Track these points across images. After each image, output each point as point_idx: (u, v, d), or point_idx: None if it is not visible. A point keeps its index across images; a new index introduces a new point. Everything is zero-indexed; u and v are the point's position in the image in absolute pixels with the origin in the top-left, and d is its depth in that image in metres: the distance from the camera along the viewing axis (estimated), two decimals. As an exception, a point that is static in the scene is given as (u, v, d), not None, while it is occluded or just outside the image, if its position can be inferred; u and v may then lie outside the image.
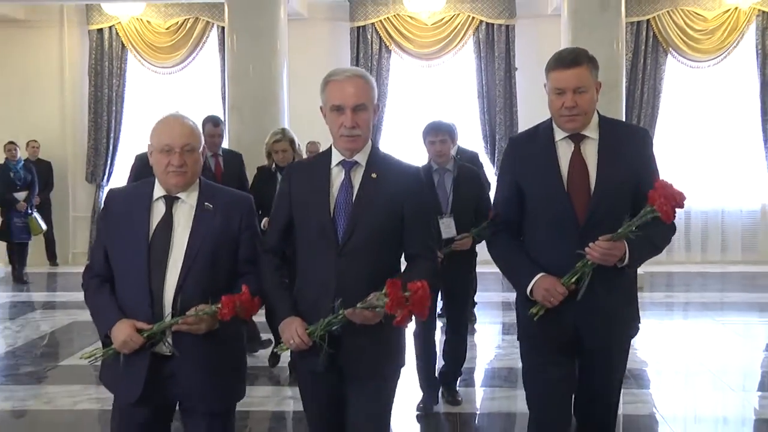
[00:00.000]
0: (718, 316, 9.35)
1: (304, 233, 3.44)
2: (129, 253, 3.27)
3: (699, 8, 13.14)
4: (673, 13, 13.16)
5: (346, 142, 3.36)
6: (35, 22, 14.20)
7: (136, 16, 13.86)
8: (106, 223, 3.44)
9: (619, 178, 3.44)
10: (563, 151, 3.52)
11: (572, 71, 3.40)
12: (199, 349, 3.25)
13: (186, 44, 13.94)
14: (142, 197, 3.35)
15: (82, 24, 14.25)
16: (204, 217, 3.32)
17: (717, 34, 13.13)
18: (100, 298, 3.35)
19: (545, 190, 3.52)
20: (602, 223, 3.35)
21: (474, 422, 5.95)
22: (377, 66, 13.56)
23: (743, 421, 5.95)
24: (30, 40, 14.19)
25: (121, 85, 14.16)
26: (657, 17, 13.15)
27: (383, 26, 13.55)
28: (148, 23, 13.97)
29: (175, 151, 3.23)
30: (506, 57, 13.39)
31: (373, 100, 3.42)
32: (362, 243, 3.31)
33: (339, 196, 3.38)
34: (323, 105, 3.44)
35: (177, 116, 3.42)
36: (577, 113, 3.42)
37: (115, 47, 14.13)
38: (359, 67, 4.70)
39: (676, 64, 13.38)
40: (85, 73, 14.26)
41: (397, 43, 13.59)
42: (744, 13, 12.98)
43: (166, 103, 13.44)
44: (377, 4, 13.47)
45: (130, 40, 14.04)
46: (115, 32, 14.08)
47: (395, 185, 3.38)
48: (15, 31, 14.17)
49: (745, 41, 13.17)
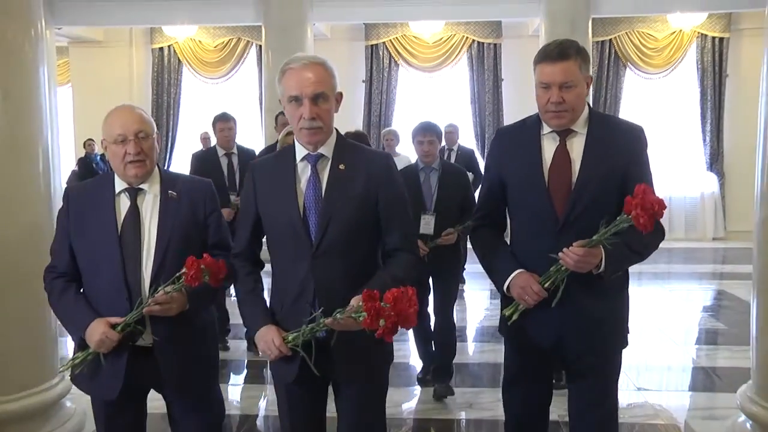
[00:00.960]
0: (665, 284, 9.44)
1: (274, 235, 2.75)
2: (100, 249, 2.73)
3: (651, 30, 13.20)
4: (631, 34, 13.19)
5: (307, 135, 2.62)
6: (109, 42, 14.26)
7: (190, 36, 13.89)
8: (69, 220, 2.81)
9: (604, 175, 2.76)
10: (548, 145, 2.86)
11: (559, 65, 2.73)
12: (178, 338, 2.76)
13: (230, 59, 13.97)
14: (104, 191, 2.80)
15: (147, 43, 14.29)
16: (170, 206, 2.79)
17: (665, 51, 13.21)
18: (68, 300, 2.79)
19: (525, 183, 2.87)
20: (583, 220, 2.72)
21: (467, 370, 5.83)
22: (387, 77, 13.60)
23: (683, 368, 5.99)
24: (105, 56, 14.24)
25: (177, 93, 14.20)
26: (617, 37, 13.16)
27: (392, 45, 13.56)
28: (199, 42, 14.01)
29: (129, 139, 2.69)
30: (494, 70, 13.38)
31: (335, 89, 2.67)
32: (337, 240, 2.61)
33: (307, 192, 2.65)
34: (281, 96, 2.68)
35: (125, 105, 2.88)
36: (564, 109, 2.75)
37: (173, 62, 14.18)
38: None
39: (633, 76, 13.42)
40: (149, 83, 14.29)
41: (404, 59, 13.60)
42: (687, 35, 13.10)
43: (214, 108, 13.39)
44: (387, 27, 13.43)
45: (185, 56, 14.09)
46: (173, 50, 14.12)
47: (366, 175, 2.66)
48: (94, 50, 14.24)
49: (688, 58, 13.25)
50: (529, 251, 2.85)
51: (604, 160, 2.76)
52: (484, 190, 3.11)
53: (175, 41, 14.02)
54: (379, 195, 2.66)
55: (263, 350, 2.66)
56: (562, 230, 2.75)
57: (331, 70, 2.66)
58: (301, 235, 2.62)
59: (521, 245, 2.94)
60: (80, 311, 2.73)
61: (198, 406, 2.95)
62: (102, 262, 2.73)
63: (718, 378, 5.64)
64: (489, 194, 3.06)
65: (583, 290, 2.75)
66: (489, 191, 3.06)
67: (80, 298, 2.79)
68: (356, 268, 2.63)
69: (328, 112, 2.64)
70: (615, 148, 2.79)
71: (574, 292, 2.73)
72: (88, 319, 2.67)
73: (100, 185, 2.85)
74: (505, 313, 2.83)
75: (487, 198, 3.08)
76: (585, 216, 2.72)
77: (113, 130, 2.73)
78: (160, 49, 14.18)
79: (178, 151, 14.16)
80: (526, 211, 2.90)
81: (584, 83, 2.79)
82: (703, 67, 13.08)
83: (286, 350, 2.56)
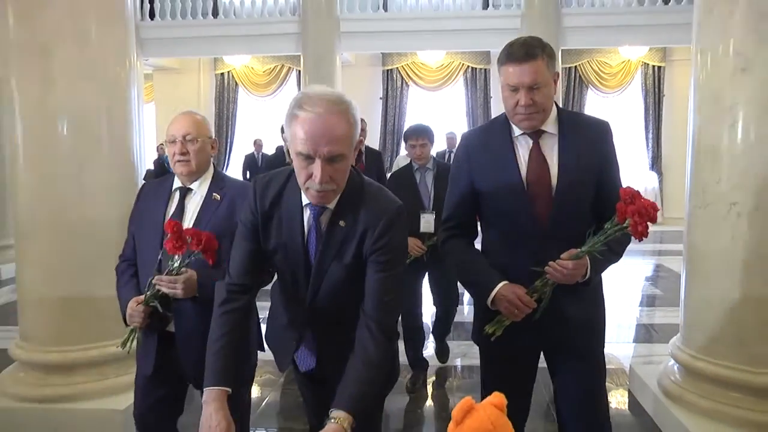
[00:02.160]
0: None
1: (278, 268, 1.97)
2: (147, 241, 2.45)
3: (606, 59, 13.21)
4: (591, 62, 13.20)
5: (315, 198, 1.76)
6: (183, 69, 14.37)
7: (244, 64, 13.95)
8: (134, 212, 2.58)
9: (582, 174, 2.15)
10: (521, 148, 2.19)
11: (526, 66, 2.06)
12: (200, 330, 2.06)
13: (276, 81, 14.02)
14: (164, 189, 2.52)
15: (211, 70, 14.36)
16: (210, 206, 2.41)
17: (618, 76, 13.28)
18: (122, 282, 2.53)
19: (503, 189, 2.17)
20: (567, 224, 2.12)
21: (462, 327, 5.55)
22: (400, 95, 13.66)
23: (629, 325, 5.99)
24: (180, 80, 14.37)
25: (234, 108, 14.27)
26: (581, 64, 13.15)
27: (404, 69, 13.57)
28: (252, 68, 14.06)
29: (177, 140, 2.43)
30: (484, 89, 13.40)
31: (355, 139, 1.75)
32: (329, 296, 1.87)
33: (309, 244, 1.86)
34: (288, 143, 1.75)
35: (186, 111, 2.58)
36: (534, 111, 2.12)
37: (231, 84, 14.22)
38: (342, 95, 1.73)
39: (593, 95, 13.41)
40: (212, 100, 14.34)
41: (413, 80, 13.61)
42: (634, 64, 13.21)
43: (263, 119, 13.59)
44: (400, 55, 13.44)
45: (240, 79, 14.14)
46: (232, 75, 14.17)
47: (363, 233, 1.80)
48: (172, 75, 14.38)
49: (635, 81, 13.32)
50: (510, 260, 2.18)
51: (579, 159, 2.15)
52: (454, 198, 2.32)
53: (233, 68, 14.07)
54: (369, 253, 1.80)
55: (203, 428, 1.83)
56: (546, 236, 2.12)
57: (352, 117, 1.73)
58: (300, 285, 1.90)
59: (500, 255, 2.23)
60: (126, 291, 2.47)
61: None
62: (148, 253, 2.44)
63: (655, 332, 5.67)
64: (460, 202, 2.30)
65: (563, 295, 2.14)
66: (461, 199, 2.29)
67: (130, 280, 2.51)
68: (353, 311, 1.84)
69: (345, 172, 1.77)
70: (588, 146, 2.18)
71: (554, 297, 2.13)
72: (128, 298, 2.41)
73: (164, 183, 2.57)
74: (488, 329, 2.17)
75: (458, 206, 2.31)
76: (569, 219, 2.13)
77: (168, 131, 2.50)
78: (222, 74, 14.24)
79: (234, 154, 14.25)
80: (505, 218, 2.20)
81: (552, 81, 2.15)
82: (646, 89, 13.19)
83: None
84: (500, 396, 1.33)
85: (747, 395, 3.24)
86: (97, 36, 3.57)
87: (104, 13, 3.61)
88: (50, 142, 3.56)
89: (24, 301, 3.79)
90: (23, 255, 3.73)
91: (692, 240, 3.52)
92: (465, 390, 4.39)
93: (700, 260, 3.45)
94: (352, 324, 1.83)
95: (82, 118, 3.52)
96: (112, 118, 3.66)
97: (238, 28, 11.89)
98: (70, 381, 3.60)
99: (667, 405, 3.56)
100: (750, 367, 3.22)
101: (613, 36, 11.51)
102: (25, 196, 3.66)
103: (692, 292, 3.54)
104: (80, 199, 3.54)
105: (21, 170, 3.65)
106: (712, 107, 3.32)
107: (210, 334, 1.89)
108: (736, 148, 3.22)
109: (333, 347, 1.93)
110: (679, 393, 3.52)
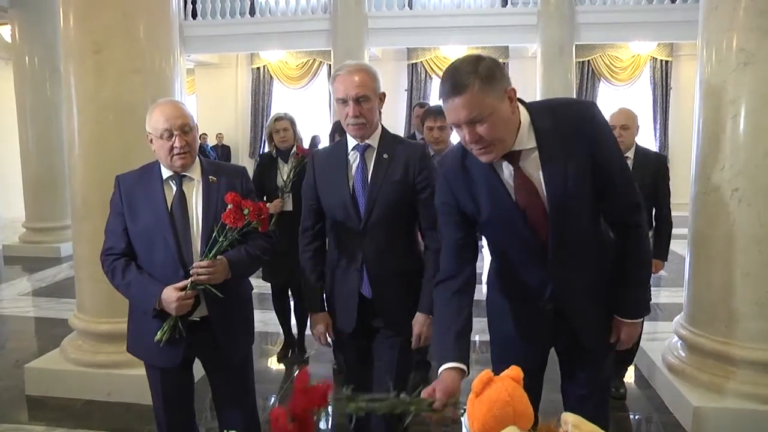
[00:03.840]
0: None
1: (329, 212, 2.39)
2: (154, 230, 2.23)
3: (617, 54, 12.94)
4: (603, 56, 12.91)
5: (353, 130, 2.28)
6: (222, 64, 14.34)
7: (279, 59, 13.93)
8: (124, 203, 2.29)
9: (572, 181, 1.75)
10: (506, 172, 1.80)
11: (457, 101, 1.63)
12: (228, 310, 2.30)
13: (308, 75, 13.94)
14: (154, 178, 2.28)
15: (248, 65, 14.32)
16: (212, 189, 2.27)
17: (628, 70, 13.00)
18: (133, 276, 2.24)
19: (503, 217, 1.84)
20: (568, 239, 1.82)
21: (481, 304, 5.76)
22: (423, 87, 13.50)
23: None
24: (219, 74, 14.37)
25: (269, 100, 14.24)
26: (593, 59, 12.89)
27: (428, 63, 13.44)
28: (286, 63, 14.03)
29: (174, 133, 2.19)
30: (502, 82, 13.26)
31: (377, 90, 2.28)
32: (381, 217, 2.27)
33: (356, 177, 2.32)
34: (333, 97, 2.35)
35: (169, 101, 2.35)
36: (486, 144, 1.69)
37: (266, 77, 14.19)
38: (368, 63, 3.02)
39: (605, 87, 13.13)
40: (249, 93, 14.35)
41: (436, 73, 13.45)
42: (643, 58, 12.91)
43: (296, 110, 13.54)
44: (424, 50, 13.31)
45: (275, 73, 14.12)
46: (267, 69, 14.13)
47: (405, 163, 2.29)
48: (211, 70, 14.37)
49: (644, 75, 13.03)
50: (522, 279, 1.95)
51: (566, 164, 1.75)
52: (448, 241, 1.96)
53: (268, 62, 14.05)
54: (416, 178, 2.29)
55: (314, 335, 2.52)
56: (552, 256, 1.85)
57: (373, 75, 2.28)
58: (351, 213, 2.30)
59: (514, 274, 1.99)
60: (150, 283, 2.20)
61: (239, 374, 2.45)
62: (157, 242, 2.22)
63: (660, 311, 5.64)
64: (454, 244, 1.95)
65: (581, 315, 1.95)
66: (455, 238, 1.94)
67: (144, 272, 2.25)
68: (397, 240, 2.34)
69: (371, 111, 2.27)
70: (573, 143, 1.75)
71: (568, 299, 1.92)
72: (158, 290, 2.17)
73: (148, 173, 2.31)
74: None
75: (454, 251, 1.95)
76: (570, 232, 1.83)
77: (158, 125, 2.21)
78: (258, 68, 14.20)
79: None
80: (514, 243, 1.91)
81: (501, 104, 1.66)
82: (654, 82, 12.93)
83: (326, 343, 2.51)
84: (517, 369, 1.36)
85: (743, 369, 3.24)
86: (145, 35, 3.64)
87: (152, 14, 3.68)
88: (102, 131, 3.64)
89: (80, 277, 3.90)
90: (78, 235, 3.84)
91: (696, 224, 3.52)
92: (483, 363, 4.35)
93: (704, 243, 3.44)
94: (398, 250, 2.34)
95: (131, 109, 3.59)
96: (157, 109, 3.72)
97: (273, 26, 11.91)
98: (120, 349, 3.68)
99: (670, 378, 3.57)
100: (746, 342, 3.23)
101: (624, 32, 11.35)
102: (79, 181, 3.76)
103: (695, 274, 3.54)
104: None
105: (77, 157, 3.74)
106: (716, 99, 3.30)
107: (302, 273, 2.47)
108: (739, 137, 3.20)
109: (383, 272, 2.32)
110: (682, 367, 3.53)
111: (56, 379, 3.79)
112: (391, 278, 2.34)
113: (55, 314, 5.56)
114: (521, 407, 1.31)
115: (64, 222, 8.02)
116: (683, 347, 3.61)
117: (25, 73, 8.08)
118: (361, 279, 2.35)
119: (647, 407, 3.64)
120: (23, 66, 8.10)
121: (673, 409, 3.49)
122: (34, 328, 5.39)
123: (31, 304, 6.17)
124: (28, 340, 5.03)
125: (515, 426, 1.27)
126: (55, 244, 8.22)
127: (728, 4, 3.20)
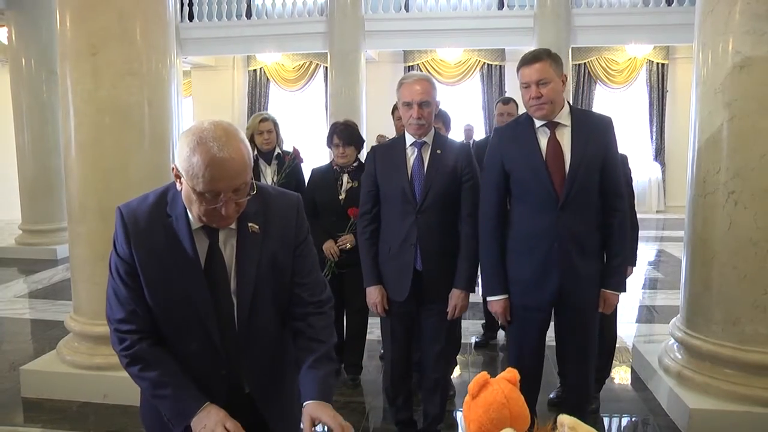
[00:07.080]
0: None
1: (388, 198, 2.84)
2: (185, 300, 1.52)
3: (614, 56, 12.95)
4: (599, 59, 12.93)
5: (415, 129, 2.76)
6: (218, 66, 14.31)
7: (275, 61, 13.92)
8: (135, 255, 1.52)
9: (590, 159, 2.55)
10: (542, 137, 2.59)
11: (534, 66, 2.52)
12: (274, 386, 1.68)
13: (304, 77, 13.93)
14: (180, 225, 1.52)
15: (245, 67, 14.31)
16: (250, 241, 1.56)
17: (624, 72, 13.02)
18: (171, 389, 1.51)
19: (529, 169, 2.58)
20: (577, 198, 2.53)
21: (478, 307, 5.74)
22: (419, 91, 13.56)
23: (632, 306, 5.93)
24: (216, 76, 14.33)
25: (266, 102, 14.22)
26: (590, 61, 12.92)
27: (424, 66, 13.40)
28: (282, 65, 14.02)
29: (222, 198, 1.43)
30: (499, 85, 13.19)
31: (435, 98, 2.77)
32: (434, 202, 2.76)
33: (414, 167, 2.79)
34: (398, 101, 2.82)
35: (221, 141, 1.39)
36: (543, 102, 2.53)
37: (263, 80, 14.19)
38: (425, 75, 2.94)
39: (602, 89, 13.15)
40: (245, 95, 14.33)
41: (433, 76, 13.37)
42: (639, 61, 12.94)
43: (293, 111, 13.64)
44: (421, 52, 13.31)
45: (271, 75, 14.11)
46: (264, 71, 14.13)
47: (455, 158, 2.80)
48: (208, 72, 14.33)
49: (640, 77, 13.04)
50: (533, 227, 2.60)
51: (587, 146, 2.55)
52: (490, 182, 2.72)
53: (265, 65, 14.04)
54: (463, 171, 2.80)
55: (370, 304, 2.93)
56: (562, 207, 2.53)
57: (434, 85, 2.79)
58: (409, 198, 2.77)
59: (525, 223, 2.63)
60: (189, 397, 1.52)
61: None
62: (191, 321, 1.55)
63: (656, 313, 5.66)
64: (495, 186, 2.69)
65: (576, 253, 2.56)
66: (495, 183, 2.69)
67: (179, 373, 1.55)
68: (446, 221, 2.80)
69: (430, 114, 2.77)
70: (595, 136, 2.57)
71: (569, 255, 2.56)
72: (199, 405, 1.50)
73: (169, 214, 1.55)
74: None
75: (493, 190, 2.70)
76: (579, 194, 2.53)
77: (199, 183, 1.41)
78: (254, 71, 14.20)
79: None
80: (531, 193, 2.60)
81: (559, 80, 2.55)
82: (650, 85, 12.94)
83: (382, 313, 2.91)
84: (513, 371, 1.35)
85: (738, 371, 3.25)
86: (141, 37, 3.63)
87: (148, 16, 3.67)
88: (98, 133, 3.63)
89: (76, 279, 3.89)
90: (75, 237, 3.82)
91: (693, 227, 3.52)
92: (480, 366, 4.43)
93: (700, 246, 3.44)
94: (446, 230, 2.78)
95: (127, 111, 3.58)
96: (153, 111, 3.72)
97: (270, 28, 11.88)
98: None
99: (666, 380, 3.57)
100: (741, 345, 3.23)
101: (620, 35, 11.34)
102: (75, 183, 3.75)
103: (692, 276, 3.54)
104: (124, 186, 3.60)
105: (73, 159, 3.73)
106: (712, 102, 3.30)
107: (360, 248, 2.92)
108: (735, 140, 3.21)
109: (433, 249, 2.78)
110: (678, 369, 3.53)
111: (52, 382, 3.77)
112: (439, 255, 2.81)
113: (51, 316, 5.56)
114: (517, 409, 1.30)
115: (60, 224, 8.02)
116: (680, 349, 3.61)
117: (21, 75, 8.07)
118: (415, 254, 2.78)
119: (643, 409, 3.64)
120: (19, 68, 8.08)
121: (670, 411, 3.49)
122: (30, 330, 5.38)
123: (27, 306, 6.15)
124: (24, 342, 5.02)
125: (511, 428, 1.26)
126: (51, 246, 8.21)
127: (724, 7, 3.21)
